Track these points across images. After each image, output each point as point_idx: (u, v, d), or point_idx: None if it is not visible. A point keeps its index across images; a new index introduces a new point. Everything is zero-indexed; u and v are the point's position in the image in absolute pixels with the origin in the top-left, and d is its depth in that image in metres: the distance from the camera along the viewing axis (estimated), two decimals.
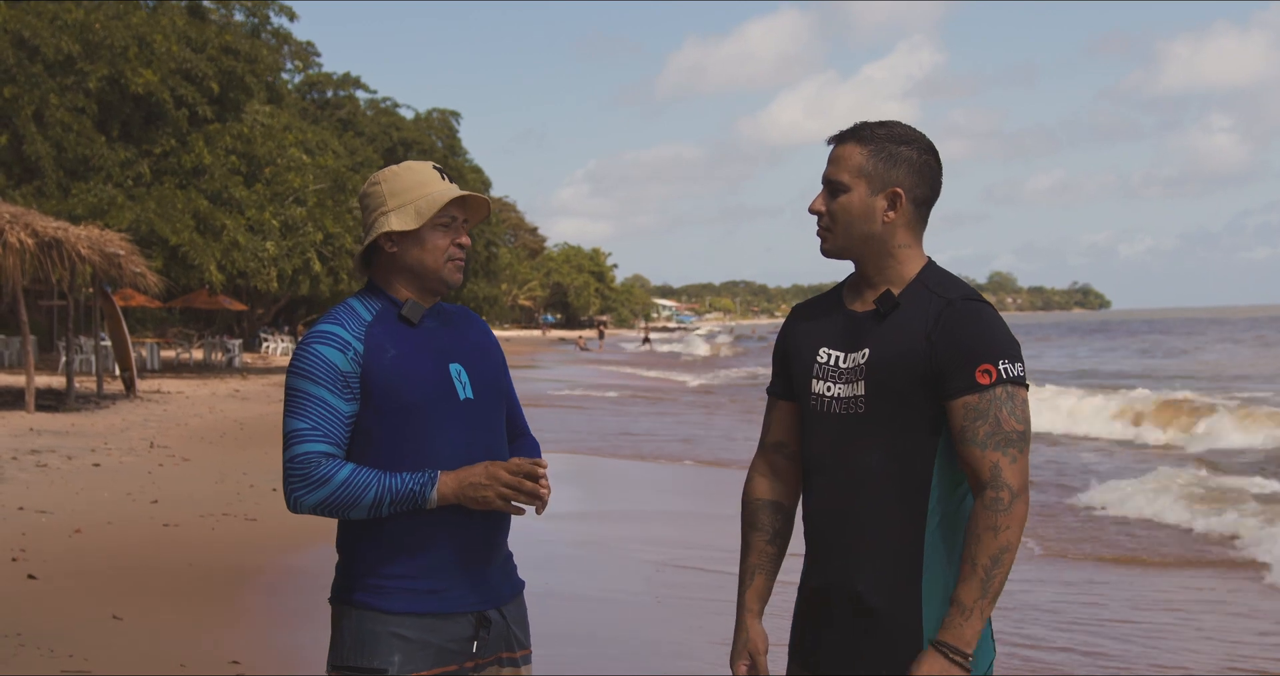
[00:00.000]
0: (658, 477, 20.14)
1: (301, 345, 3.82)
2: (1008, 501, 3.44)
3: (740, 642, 3.84)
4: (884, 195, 3.65)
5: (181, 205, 40.17)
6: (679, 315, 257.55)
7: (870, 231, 3.67)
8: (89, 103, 39.39)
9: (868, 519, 3.61)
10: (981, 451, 3.48)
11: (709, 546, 13.19)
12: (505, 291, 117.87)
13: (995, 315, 3.60)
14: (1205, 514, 15.44)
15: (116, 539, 12.28)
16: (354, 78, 73.49)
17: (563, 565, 11.77)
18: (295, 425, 3.75)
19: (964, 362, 3.52)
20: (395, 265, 3.91)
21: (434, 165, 3.97)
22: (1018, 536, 3.45)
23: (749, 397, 39.85)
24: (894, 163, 3.65)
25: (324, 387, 3.75)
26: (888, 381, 3.59)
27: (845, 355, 3.68)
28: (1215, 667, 8.96)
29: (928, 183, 3.70)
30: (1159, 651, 9.38)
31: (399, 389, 3.78)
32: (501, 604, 3.92)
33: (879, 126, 3.70)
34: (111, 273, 27.62)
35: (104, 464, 17.97)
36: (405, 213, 3.86)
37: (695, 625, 9.66)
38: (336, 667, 3.83)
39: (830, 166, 3.72)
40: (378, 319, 3.87)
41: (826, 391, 3.69)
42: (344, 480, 3.68)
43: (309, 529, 13.22)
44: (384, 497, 3.67)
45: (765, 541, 3.88)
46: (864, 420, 3.62)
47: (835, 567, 3.66)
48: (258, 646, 8.53)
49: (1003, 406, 3.49)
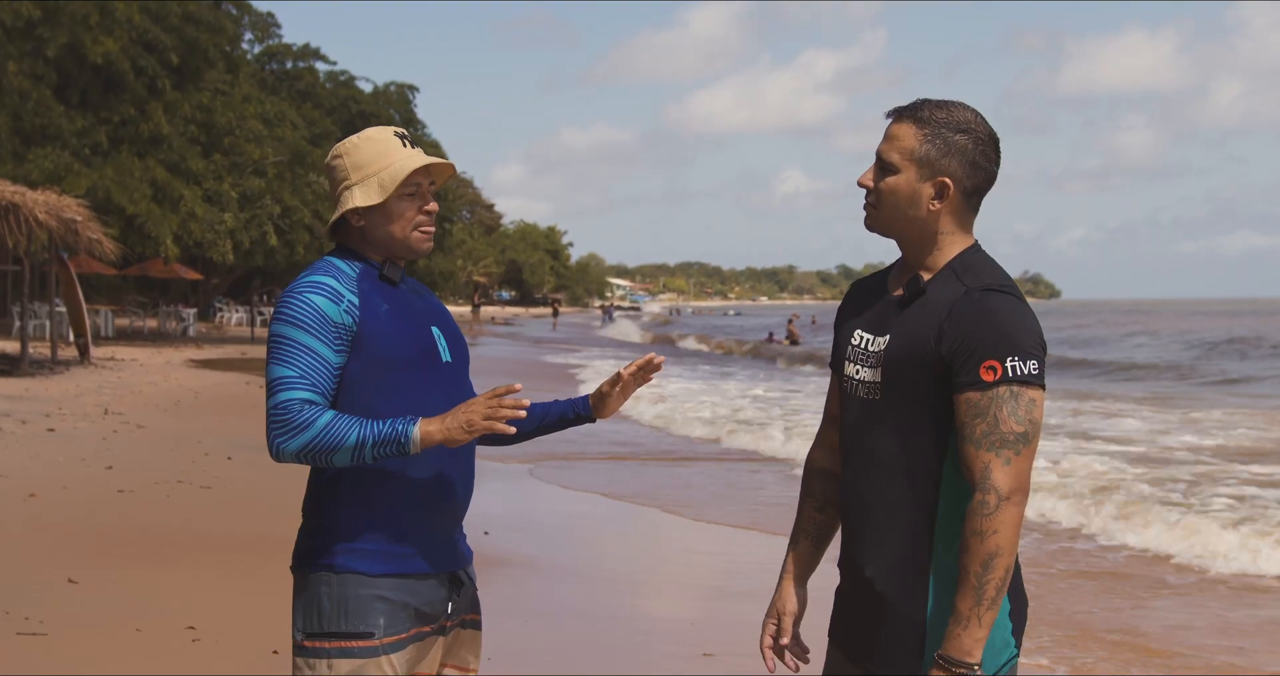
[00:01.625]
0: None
1: (290, 293, 3.75)
2: (993, 505, 3.33)
3: (772, 603, 3.83)
4: (932, 183, 3.52)
5: (139, 174, 39.99)
6: (633, 295, 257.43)
7: (915, 216, 3.55)
8: (48, 70, 39.15)
9: (878, 506, 3.56)
10: (975, 450, 3.37)
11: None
12: (460, 267, 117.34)
13: (1016, 307, 3.46)
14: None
15: (71, 503, 12.29)
16: (313, 49, 73.11)
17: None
18: (280, 372, 3.68)
19: (970, 356, 3.39)
20: (365, 238, 3.89)
21: (395, 131, 3.94)
22: (1009, 541, 3.33)
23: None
24: (948, 150, 3.52)
25: (313, 336, 3.68)
26: (901, 370, 3.51)
27: (874, 338, 3.60)
28: None
29: (981, 173, 3.56)
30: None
31: (392, 344, 3.77)
32: (466, 566, 3.98)
33: (939, 108, 3.56)
34: (68, 239, 27.51)
35: (58, 429, 17.93)
36: (369, 186, 3.82)
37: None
38: (314, 635, 3.77)
39: (884, 143, 3.58)
40: (363, 275, 3.84)
41: (855, 374, 3.64)
42: (326, 424, 3.60)
43: (264, 496, 13.29)
44: (366, 440, 3.59)
45: (815, 508, 3.85)
46: (879, 407, 3.56)
47: (852, 551, 3.65)
48: (214, 612, 8.55)
49: (1004, 405, 3.36)
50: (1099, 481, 16.11)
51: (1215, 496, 15.05)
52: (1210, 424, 25.15)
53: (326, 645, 3.76)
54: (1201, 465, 18.43)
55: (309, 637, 3.79)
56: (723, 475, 17.75)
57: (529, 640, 8.52)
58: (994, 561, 3.32)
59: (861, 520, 3.60)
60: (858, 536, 3.62)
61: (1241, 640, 9.33)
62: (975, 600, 3.33)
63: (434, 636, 3.88)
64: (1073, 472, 16.93)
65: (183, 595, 9.04)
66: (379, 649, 3.74)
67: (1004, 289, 3.48)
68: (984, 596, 3.33)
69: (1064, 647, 8.89)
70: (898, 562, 3.52)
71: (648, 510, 14.50)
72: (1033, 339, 3.42)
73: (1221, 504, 14.51)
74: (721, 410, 26.55)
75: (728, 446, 21.13)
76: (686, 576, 11.26)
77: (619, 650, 8.50)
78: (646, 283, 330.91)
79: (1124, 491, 15.18)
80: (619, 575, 11.17)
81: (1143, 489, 15.51)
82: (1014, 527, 3.34)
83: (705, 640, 8.64)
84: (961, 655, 3.35)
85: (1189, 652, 8.95)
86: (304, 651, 3.79)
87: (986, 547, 3.32)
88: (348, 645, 3.74)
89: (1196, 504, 14.55)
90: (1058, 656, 8.66)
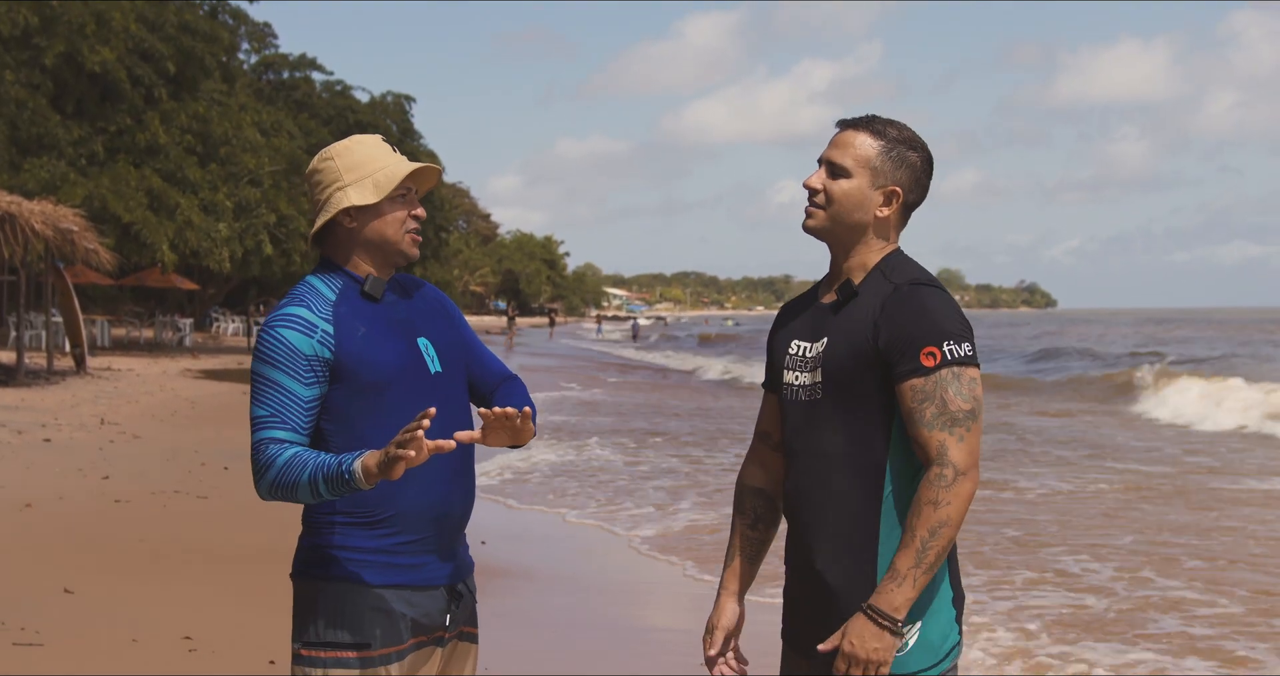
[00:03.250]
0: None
1: (264, 328, 3.78)
2: (951, 478, 3.51)
3: (710, 619, 3.95)
4: (883, 191, 3.75)
5: (135, 183, 40.00)
6: (629, 304, 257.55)
7: (859, 220, 3.75)
8: (44, 79, 39.17)
9: (826, 501, 3.70)
10: (929, 432, 3.55)
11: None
12: (457, 277, 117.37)
13: (942, 297, 3.67)
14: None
15: (68, 514, 12.29)
16: (310, 59, 73.06)
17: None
18: (255, 412, 3.74)
19: (908, 346, 3.59)
20: (355, 240, 3.89)
21: (382, 138, 3.97)
22: (959, 513, 3.52)
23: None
24: (901, 164, 3.75)
25: (282, 372, 3.71)
26: (840, 369, 3.68)
27: (810, 345, 3.78)
28: None
29: (922, 190, 3.81)
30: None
31: (372, 367, 3.77)
32: (466, 578, 3.98)
33: (891, 125, 3.78)
34: (65, 248, 27.51)
35: (54, 439, 17.93)
36: (363, 187, 3.84)
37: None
38: (311, 644, 3.79)
39: (835, 149, 3.79)
40: (342, 297, 3.84)
41: (795, 380, 3.81)
42: (284, 464, 3.63)
43: (260, 507, 13.25)
44: (316, 477, 3.59)
45: (747, 526, 3.99)
46: (822, 406, 3.71)
47: (801, 548, 3.77)
48: (210, 622, 8.55)
49: (949, 387, 3.56)
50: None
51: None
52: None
53: (323, 654, 3.77)
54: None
55: (306, 647, 3.80)
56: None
57: (526, 650, 8.51)
58: (941, 530, 3.51)
59: (810, 516, 3.75)
60: (806, 533, 3.76)
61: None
62: (915, 561, 3.52)
63: (431, 647, 3.89)
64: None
65: (179, 605, 9.03)
66: (376, 660, 3.75)
67: (930, 283, 3.70)
68: (924, 559, 3.52)
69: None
70: (846, 552, 3.67)
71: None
72: (963, 324, 3.65)
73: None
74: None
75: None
76: (683, 587, 11.23)
77: (616, 660, 8.48)
78: (643, 292, 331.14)
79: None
80: (616, 585, 11.16)
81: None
82: (965, 501, 3.54)
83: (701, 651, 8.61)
84: (890, 610, 3.53)
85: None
86: (301, 660, 3.80)
87: (939, 516, 3.51)
88: (344, 655, 3.75)
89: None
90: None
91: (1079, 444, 23.36)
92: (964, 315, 3.67)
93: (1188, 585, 10.98)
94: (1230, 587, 10.94)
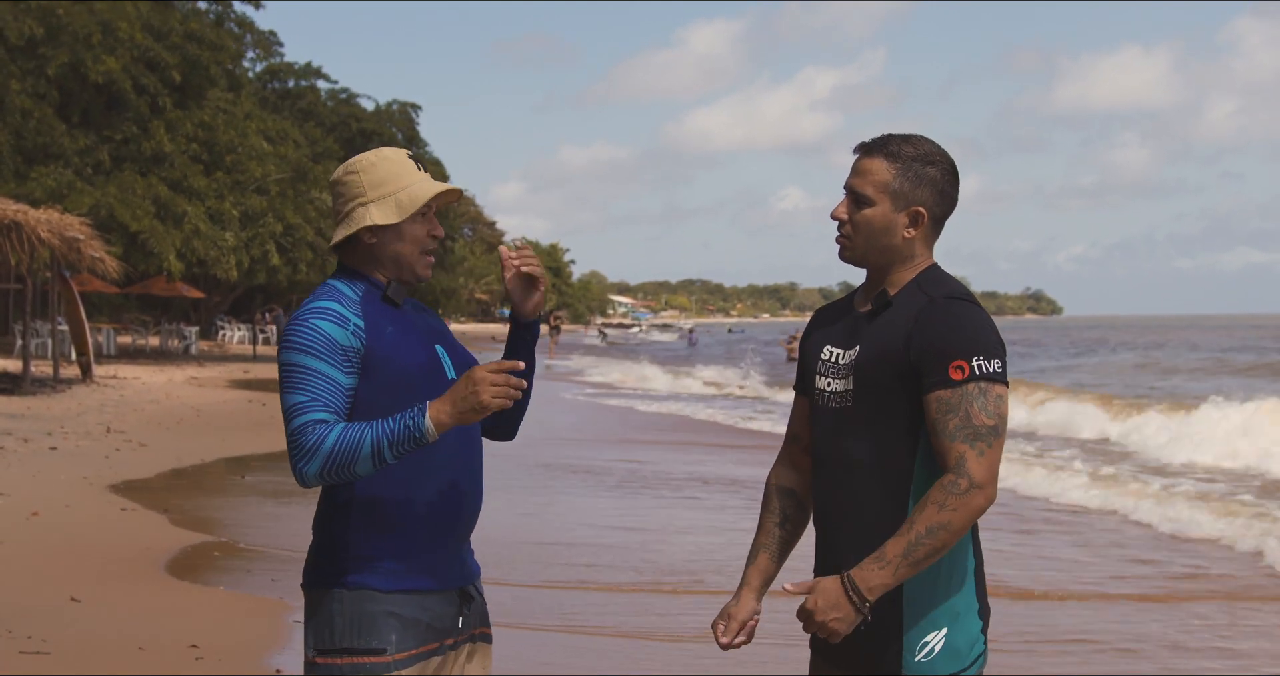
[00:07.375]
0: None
1: (296, 321, 3.75)
2: (964, 487, 3.52)
3: (725, 607, 3.93)
4: (907, 213, 3.77)
5: (142, 191, 40.04)
6: (635, 312, 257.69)
7: (889, 244, 3.78)
8: (50, 89, 39.22)
9: (853, 509, 3.73)
10: (950, 443, 3.56)
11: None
12: (462, 285, 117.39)
13: (976, 313, 3.69)
14: None
15: (74, 522, 12.28)
16: (315, 67, 73.27)
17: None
18: (293, 399, 3.68)
19: (938, 358, 3.60)
20: (372, 256, 3.90)
21: (408, 154, 3.96)
22: (961, 521, 3.52)
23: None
24: (919, 182, 3.76)
25: (322, 360, 3.69)
26: (871, 377, 3.70)
27: (844, 352, 3.81)
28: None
29: (948, 200, 3.82)
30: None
31: (400, 364, 3.78)
32: (475, 581, 3.98)
33: (905, 143, 3.79)
34: (70, 257, 27.51)
35: (61, 447, 17.93)
36: (386, 205, 3.85)
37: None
38: (325, 652, 3.78)
39: (855, 177, 3.82)
40: (365, 298, 3.85)
41: (827, 386, 3.83)
42: (337, 438, 3.60)
43: (268, 516, 13.27)
44: (380, 441, 3.57)
45: (775, 523, 4.00)
46: (852, 413, 3.74)
47: (830, 553, 3.79)
48: (216, 630, 8.52)
49: (974, 401, 3.58)
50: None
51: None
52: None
53: (339, 661, 3.76)
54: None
55: (321, 654, 3.79)
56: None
57: (536, 652, 8.49)
58: (938, 531, 3.52)
59: (840, 522, 3.77)
60: (836, 538, 3.78)
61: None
62: (904, 553, 3.53)
63: (445, 651, 3.88)
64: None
65: (186, 614, 9.01)
66: (391, 665, 3.74)
67: (965, 298, 3.72)
68: (912, 553, 3.54)
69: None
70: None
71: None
72: (995, 340, 3.66)
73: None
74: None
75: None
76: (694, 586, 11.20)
77: (625, 662, 8.46)
78: (649, 300, 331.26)
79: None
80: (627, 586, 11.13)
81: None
82: (972, 513, 3.54)
83: (710, 651, 8.60)
84: (865, 589, 3.56)
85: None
86: (316, 668, 3.79)
87: (940, 518, 3.52)
88: (360, 661, 3.74)
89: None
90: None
91: None
92: (998, 332, 3.70)
93: None
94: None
